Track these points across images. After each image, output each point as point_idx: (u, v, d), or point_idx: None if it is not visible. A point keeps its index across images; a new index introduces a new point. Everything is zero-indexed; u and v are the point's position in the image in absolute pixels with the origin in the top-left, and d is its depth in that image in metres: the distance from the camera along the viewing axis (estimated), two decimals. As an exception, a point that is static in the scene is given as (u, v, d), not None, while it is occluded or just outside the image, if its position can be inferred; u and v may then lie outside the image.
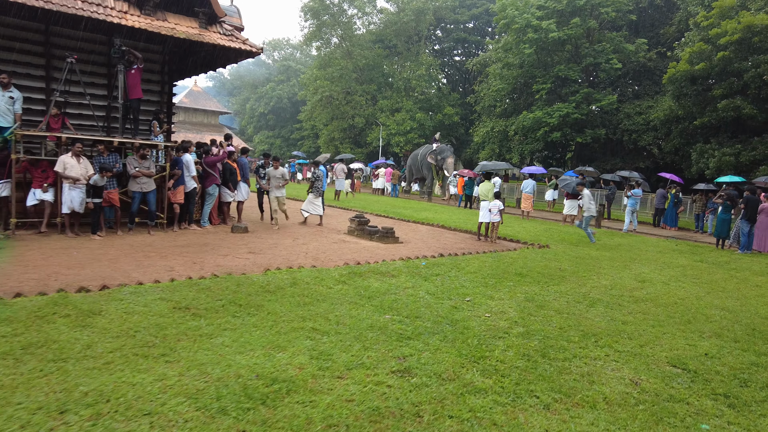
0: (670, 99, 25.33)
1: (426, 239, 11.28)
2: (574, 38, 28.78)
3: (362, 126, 43.12)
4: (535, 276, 7.61)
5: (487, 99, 35.76)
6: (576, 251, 10.50)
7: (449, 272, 7.45)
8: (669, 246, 12.67)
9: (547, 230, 14.19)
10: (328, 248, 9.15)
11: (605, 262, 9.48)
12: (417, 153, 28.95)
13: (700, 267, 9.59)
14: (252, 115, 64.99)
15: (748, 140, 22.51)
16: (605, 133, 29.97)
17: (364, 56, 42.85)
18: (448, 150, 26.43)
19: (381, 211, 16.59)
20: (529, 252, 9.95)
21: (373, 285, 6.31)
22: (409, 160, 29.77)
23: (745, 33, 21.02)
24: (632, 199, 15.61)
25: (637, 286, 7.46)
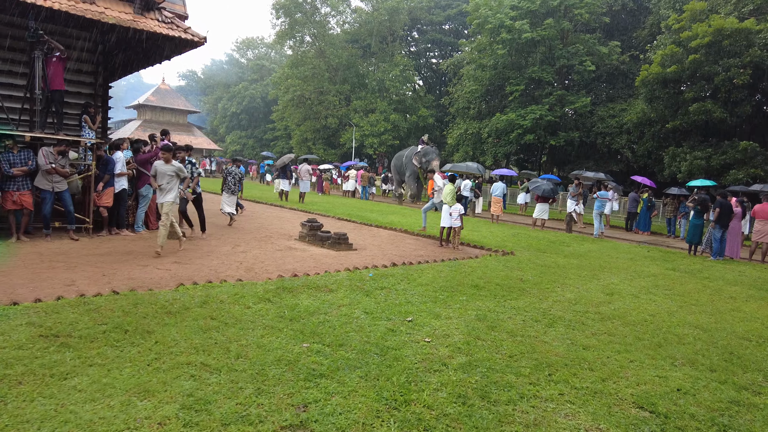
0: (642, 102, 25.11)
1: (384, 245, 10.46)
2: (547, 39, 28.42)
3: (335, 127, 42.18)
4: (493, 288, 6.84)
5: (461, 101, 35.23)
6: (542, 259, 9.81)
7: (397, 285, 6.63)
8: (641, 252, 12.11)
9: (515, 235, 13.52)
10: (268, 257, 8.25)
11: (572, 271, 8.80)
12: (402, 155, 27.58)
13: (672, 276, 8.99)
14: (224, 114, 63.46)
15: (719, 144, 22.38)
16: (579, 136, 29.68)
17: (338, 56, 41.95)
18: (433, 152, 25.10)
19: (344, 215, 15.72)
20: (491, 260, 9.21)
21: (303, 303, 5.44)
22: (394, 161, 28.46)
23: (715, 36, 20.87)
24: (599, 201, 15.03)
25: (605, 299, 6.75)
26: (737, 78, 20.77)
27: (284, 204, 18.41)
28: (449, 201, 10.77)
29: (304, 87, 40.86)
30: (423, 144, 26.45)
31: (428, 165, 24.94)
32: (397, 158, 27.77)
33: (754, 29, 20.69)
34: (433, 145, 27.29)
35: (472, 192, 21.16)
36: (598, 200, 15.01)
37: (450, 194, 10.79)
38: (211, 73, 72.67)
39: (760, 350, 5.04)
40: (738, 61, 20.83)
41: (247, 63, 67.96)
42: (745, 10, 22.77)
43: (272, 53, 66.42)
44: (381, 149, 39.20)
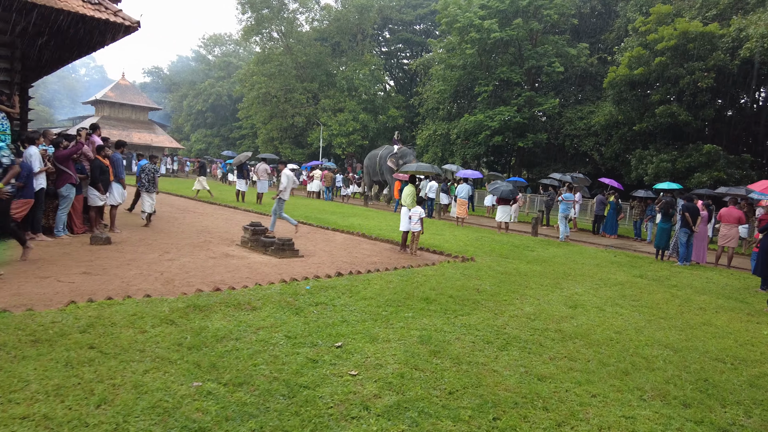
0: (610, 104, 25.02)
1: (336, 251, 9.65)
2: (516, 40, 28.13)
3: (303, 126, 41.13)
4: (445, 302, 6.11)
5: (431, 101, 34.72)
6: (503, 265, 9.16)
7: (337, 299, 5.84)
8: (607, 257, 11.63)
9: (478, 239, 12.90)
10: (197, 266, 7.33)
11: (534, 278, 8.17)
12: (375, 155, 25.98)
13: (639, 284, 8.46)
14: (189, 112, 61.57)
15: (684, 147, 22.39)
16: (547, 138, 29.50)
17: (306, 53, 40.93)
18: (410, 153, 23.78)
19: (302, 217, 14.83)
20: (449, 267, 8.51)
21: (213, 325, 4.59)
22: (366, 161, 27.03)
23: (680, 39, 20.83)
24: (563, 203, 14.54)
25: (567, 313, 6.11)
26: (701, 81, 20.78)
27: (239, 205, 17.39)
28: (409, 203, 10.05)
29: (270, 84, 39.68)
30: (397, 144, 25.36)
31: None
32: (370, 159, 26.42)
33: (718, 33, 20.74)
34: (410, 145, 26.30)
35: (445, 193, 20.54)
36: (563, 203, 14.53)
37: (409, 196, 10.07)
38: (177, 69, 70.48)
39: (736, 375, 4.44)
40: (702, 65, 20.84)
41: (214, 60, 66.09)
42: (708, 15, 22.88)
43: (240, 50, 64.77)
44: (350, 149, 38.35)
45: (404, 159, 23.52)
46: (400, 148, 24.29)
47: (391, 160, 23.92)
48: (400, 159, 23.74)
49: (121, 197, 10.10)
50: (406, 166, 13.30)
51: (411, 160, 23.25)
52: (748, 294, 8.38)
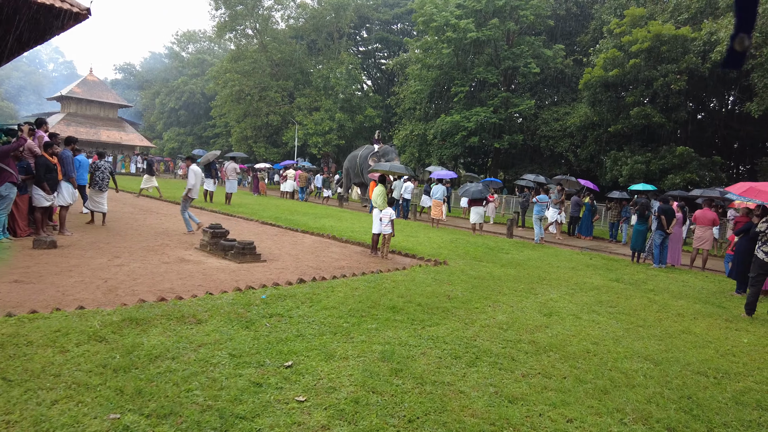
0: (585, 105, 25.08)
1: (302, 255, 9.16)
2: (493, 40, 28.00)
3: (278, 124, 40.37)
4: (413, 310, 5.70)
5: (408, 101, 34.40)
6: (477, 269, 8.81)
7: (295, 310, 5.37)
8: (583, 260, 11.41)
9: (453, 241, 12.55)
10: (148, 272, 6.77)
11: (508, 283, 7.83)
12: (356, 155, 24.90)
13: (616, 289, 8.20)
14: (162, 110, 59.99)
15: (658, 149, 22.56)
16: (523, 139, 29.47)
17: (281, 51, 40.18)
18: (393, 152, 22.61)
19: (271, 218, 14.28)
20: (420, 272, 8.11)
21: (149, 342, 4.08)
22: (346, 162, 26.02)
23: (654, 42, 20.95)
24: (538, 205, 14.30)
25: (542, 322, 5.76)
26: (674, 84, 20.94)
27: (207, 206, 16.71)
28: (380, 204, 9.63)
29: (243, 82, 38.79)
30: (378, 143, 24.65)
31: None
32: (350, 159, 25.30)
33: (690, 37, 20.93)
34: (392, 144, 25.58)
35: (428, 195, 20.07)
36: (538, 204, 14.29)
37: (380, 197, 9.65)
38: (150, 66, 68.79)
39: (720, 391, 4.13)
40: (675, 67, 21.00)
41: (188, 57, 64.61)
42: (680, 19, 23.11)
43: (215, 47, 63.46)
44: (326, 149, 37.76)
45: (386, 158, 22.61)
46: (381, 147, 23.51)
47: (372, 159, 23.06)
48: (382, 158, 22.82)
49: (71, 197, 9.42)
50: (379, 165, 12.86)
51: (393, 159, 22.42)
52: (724, 298, 8.21)
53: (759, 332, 6.15)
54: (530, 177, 20.74)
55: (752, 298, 6.87)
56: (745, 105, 20.00)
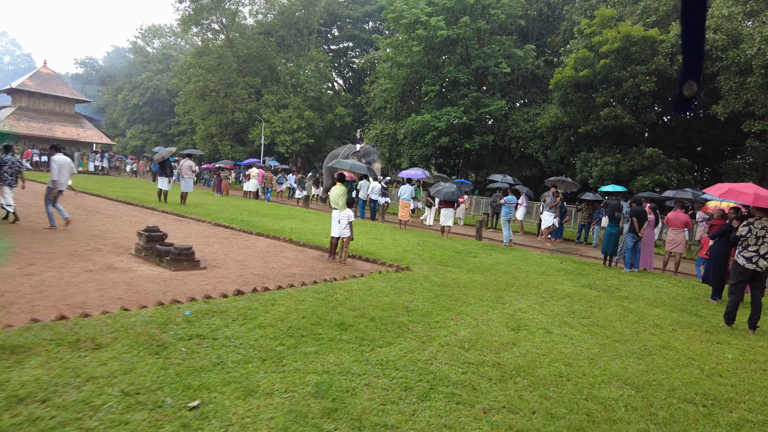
0: (556, 106, 24.88)
1: (250, 261, 8.33)
2: (464, 39, 27.56)
3: (244, 122, 39.09)
4: (364, 327, 4.98)
5: (378, 100, 33.74)
6: (442, 275, 8.16)
7: (222, 329, 4.57)
8: (553, 264, 10.91)
9: (419, 244, 11.90)
10: (62, 283, 5.85)
11: (474, 291, 7.19)
12: (336, 153, 23.63)
13: (588, 297, 7.66)
14: (125, 107, 57.71)
15: (627, 150, 22.48)
16: (493, 140, 29.15)
17: (248, 46, 38.92)
18: (374, 152, 21.71)
19: (226, 220, 13.35)
20: (380, 279, 7.39)
21: (19, 378, 3.23)
22: (326, 161, 24.54)
23: (623, 43, 20.84)
24: (506, 206, 13.76)
25: (509, 338, 5.11)
26: (644, 85, 20.86)
27: (159, 206, 15.61)
28: (340, 205, 8.88)
29: (208, 78, 37.40)
30: (360, 142, 23.54)
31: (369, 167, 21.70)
32: (331, 158, 23.78)
33: (658, 38, 20.90)
34: (374, 144, 24.63)
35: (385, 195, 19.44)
36: (506, 206, 13.75)
37: (340, 197, 8.90)
38: (113, 61, 66.22)
39: (712, 425, 3.54)
40: (644, 69, 20.92)
41: (153, 52, 62.42)
42: (649, 21, 23.13)
43: (182, 43, 61.46)
44: (294, 148, 36.72)
45: (367, 158, 21.57)
46: (362, 147, 22.38)
47: (353, 158, 21.68)
48: (363, 158, 21.69)
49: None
50: (338, 162, 12.09)
51: (375, 160, 21.55)
52: (700, 305, 7.76)
53: (742, 345, 5.66)
54: (498, 177, 20.33)
55: (732, 307, 6.40)
56: (711, 108, 20.03)
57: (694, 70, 1.33)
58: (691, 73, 1.33)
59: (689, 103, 1.37)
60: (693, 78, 1.33)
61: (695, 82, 1.33)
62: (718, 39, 18.29)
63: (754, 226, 6.26)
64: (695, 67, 1.33)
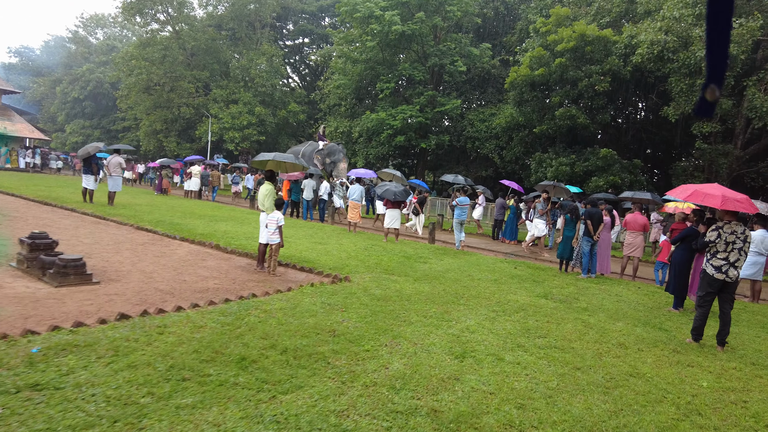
0: (511, 106, 24.53)
1: (160, 273, 7.12)
2: (419, 36, 26.87)
3: (191, 117, 37.09)
4: (271, 363, 3.95)
5: (333, 97, 32.64)
6: (385, 286, 7.22)
7: (77, 372, 3.45)
8: (507, 269, 10.18)
9: (367, 249, 10.94)
10: None
11: (419, 305, 6.29)
12: (297, 151, 21.76)
13: (544, 309, 6.89)
14: (64, 100, 54.05)
15: (582, 151, 22.33)
16: (449, 140, 28.62)
17: (196, 38, 36.92)
18: (339, 151, 20.14)
19: (153, 222, 11.96)
20: (310, 293, 6.37)
21: None
22: None
23: (579, 42, 20.62)
24: (458, 208, 12.93)
25: (451, 371, 4.21)
26: (598, 85, 20.71)
27: (82, 207, 13.96)
28: (266, 207, 7.79)
29: (152, 70, 35.19)
30: (323, 140, 21.51)
31: (333, 167, 19.90)
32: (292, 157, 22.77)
33: (612, 39, 20.83)
34: (339, 142, 23.07)
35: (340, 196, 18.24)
36: (458, 207, 12.88)
37: (267, 198, 7.81)
38: (51, 51, 61.98)
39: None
40: (599, 68, 20.79)
41: (96, 43, 58.83)
42: (602, 22, 23.11)
43: (129, 33, 58.17)
44: (244, 145, 35.07)
45: (332, 157, 19.97)
46: (326, 145, 20.68)
47: (316, 157, 20.17)
48: (327, 157, 20.09)
49: None
50: (262, 154, 10.93)
51: (340, 159, 19.91)
52: (663, 317, 7.15)
53: (715, 369, 4.98)
54: (449, 178, 19.69)
55: (699, 321, 5.75)
56: (662, 109, 20.06)
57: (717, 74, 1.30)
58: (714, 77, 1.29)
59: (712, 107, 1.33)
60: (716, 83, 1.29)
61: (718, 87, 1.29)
62: (669, 40, 18.25)
63: (724, 231, 5.63)
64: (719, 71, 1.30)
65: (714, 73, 1.30)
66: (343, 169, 19.90)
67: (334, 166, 19.82)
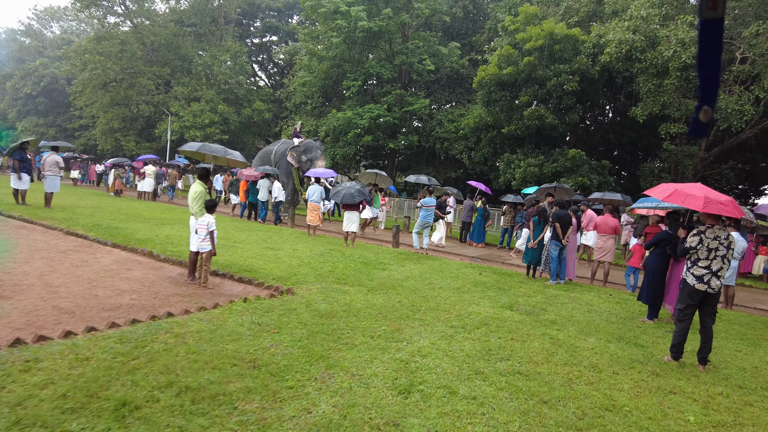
0: (480, 106, 24.03)
1: (69, 286, 6.12)
2: (387, 33, 26.13)
3: (151, 115, 35.43)
4: (159, 410, 3.08)
5: (299, 95, 31.60)
6: (334, 299, 6.40)
7: None
8: (471, 275, 9.50)
9: (323, 255, 10.09)
10: None
11: (367, 322, 5.49)
12: (269, 150, 20.29)
13: (508, 324, 6.19)
14: (16, 96, 51.23)
15: (551, 152, 21.99)
16: (418, 141, 27.97)
17: (155, 33, 35.30)
18: (317, 148, 18.38)
19: (86, 227, 10.80)
20: (240, 311, 5.48)
21: None
22: (256, 160, 20.72)
23: (547, 40, 20.26)
24: (423, 210, 12.15)
25: (392, 413, 3.42)
26: (567, 84, 20.38)
27: (9, 209, 12.63)
28: (195, 211, 6.87)
29: (108, 65, 33.43)
30: (299, 136, 19.76)
31: (310, 165, 18.22)
32: (263, 157, 20.36)
33: (581, 38, 20.55)
34: (317, 138, 21.56)
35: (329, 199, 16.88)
36: (423, 209, 12.09)
37: (196, 201, 6.87)
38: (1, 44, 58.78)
39: None
40: (567, 68, 20.46)
41: (51, 37, 56.09)
42: (571, 21, 22.84)
43: (86, 27, 55.59)
44: (206, 145, 33.60)
45: (309, 155, 18.23)
46: (302, 142, 18.93)
47: (291, 155, 18.43)
48: (303, 154, 18.38)
49: None
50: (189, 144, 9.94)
51: (318, 157, 18.19)
52: (638, 329, 6.54)
53: (700, 395, 4.34)
54: (412, 178, 19.02)
55: (679, 338, 5.13)
56: (630, 110, 19.85)
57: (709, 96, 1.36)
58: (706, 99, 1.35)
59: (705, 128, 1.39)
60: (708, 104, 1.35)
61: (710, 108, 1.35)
62: (637, 40, 18.01)
63: (706, 236, 5.03)
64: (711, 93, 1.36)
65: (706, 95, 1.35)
66: (321, 166, 18.34)
67: (311, 164, 18.17)
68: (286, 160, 18.69)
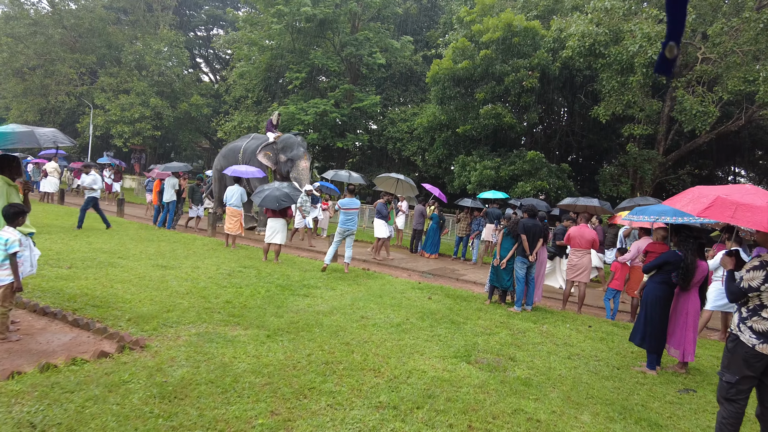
0: (434, 104, 22.29)
1: None
2: (334, 23, 24.02)
3: (72, 108, 31.76)
4: None
5: (238, 88, 28.96)
6: (203, 356, 4.21)
7: None
8: (419, 301, 7.50)
9: (230, 275, 7.82)
10: None
11: (240, 404, 3.36)
12: (236, 148, 15.85)
13: (463, 393, 4.19)
14: None
15: (508, 154, 20.50)
16: (369, 140, 25.98)
17: (78, 16, 31.71)
18: (299, 145, 14.63)
19: None
20: (14, 394, 3.22)
21: None
22: (220, 160, 16.16)
23: (505, 32, 18.74)
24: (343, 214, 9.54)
25: None
26: (526, 80, 18.91)
27: None
28: (3, 220, 4.52)
29: (19, 49, 29.63)
30: (274, 130, 15.35)
31: (291, 167, 14.42)
32: (228, 155, 15.99)
33: (541, 32, 19.19)
34: (297, 133, 17.52)
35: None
36: (343, 213, 9.59)
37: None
38: None
39: None
40: (527, 63, 19.01)
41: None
42: (530, 15, 21.51)
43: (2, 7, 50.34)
44: (135, 141, 30.39)
45: (288, 153, 14.42)
46: (279, 137, 14.87)
47: (264, 153, 14.52)
48: (282, 153, 14.50)
49: None
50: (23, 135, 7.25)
51: (301, 155, 14.34)
52: (642, 389, 4.70)
53: None
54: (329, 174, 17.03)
55: (730, 428, 3.28)
56: (592, 110, 18.59)
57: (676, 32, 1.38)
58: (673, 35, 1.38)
59: (670, 64, 1.44)
60: (675, 40, 1.39)
61: (676, 45, 1.40)
62: (601, 33, 16.71)
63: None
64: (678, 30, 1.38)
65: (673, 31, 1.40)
66: (304, 169, 14.45)
67: (292, 165, 14.39)
68: (257, 161, 14.65)
